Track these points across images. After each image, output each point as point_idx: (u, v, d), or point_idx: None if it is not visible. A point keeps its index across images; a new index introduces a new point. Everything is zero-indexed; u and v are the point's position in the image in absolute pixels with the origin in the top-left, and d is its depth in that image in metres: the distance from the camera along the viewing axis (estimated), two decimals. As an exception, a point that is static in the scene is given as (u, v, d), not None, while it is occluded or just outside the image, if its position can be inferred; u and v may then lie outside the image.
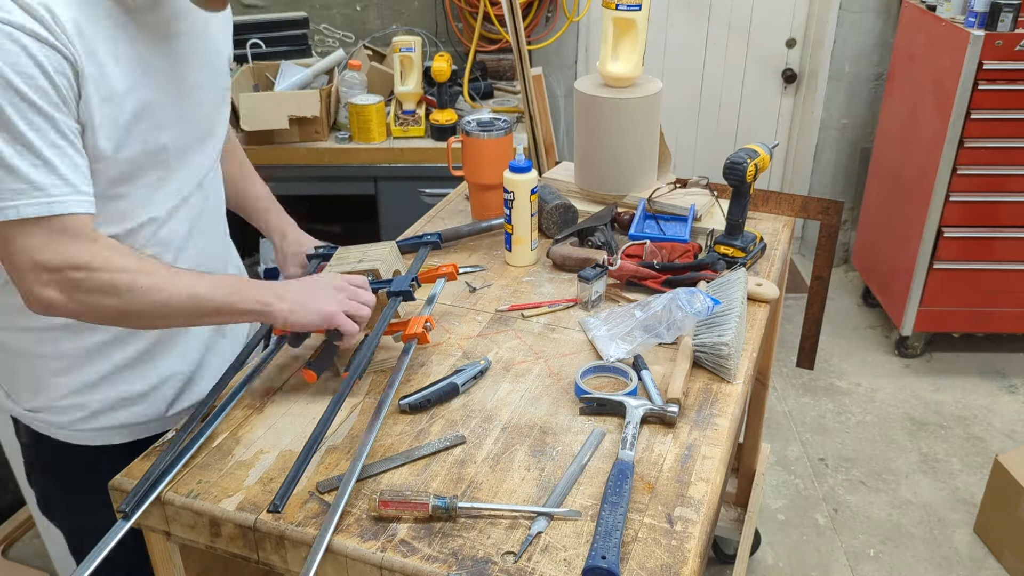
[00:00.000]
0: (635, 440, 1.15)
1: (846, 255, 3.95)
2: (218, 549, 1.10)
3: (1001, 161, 2.89)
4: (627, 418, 1.19)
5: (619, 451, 1.14)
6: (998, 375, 3.20)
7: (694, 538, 1.02)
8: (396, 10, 3.48)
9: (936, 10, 3.04)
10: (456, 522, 1.04)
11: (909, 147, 3.18)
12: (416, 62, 2.86)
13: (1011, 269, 3.04)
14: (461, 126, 1.74)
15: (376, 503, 1.03)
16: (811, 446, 2.86)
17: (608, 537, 0.98)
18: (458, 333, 1.45)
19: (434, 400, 1.25)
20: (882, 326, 3.53)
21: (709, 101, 3.85)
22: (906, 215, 3.17)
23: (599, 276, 1.51)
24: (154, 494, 1.09)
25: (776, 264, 1.67)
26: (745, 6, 3.63)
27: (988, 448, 2.81)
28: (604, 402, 1.23)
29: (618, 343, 1.36)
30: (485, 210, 1.79)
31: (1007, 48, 2.72)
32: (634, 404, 1.21)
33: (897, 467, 2.75)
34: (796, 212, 1.86)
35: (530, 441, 1.19)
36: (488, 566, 0.98)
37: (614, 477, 1.08)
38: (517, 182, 1.58)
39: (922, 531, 2.50)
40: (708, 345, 1.32)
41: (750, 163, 1.55)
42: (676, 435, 1.20)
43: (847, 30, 3.54)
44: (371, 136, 2.86)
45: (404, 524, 1.04)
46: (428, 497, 1.03)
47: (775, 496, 2.64)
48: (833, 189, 3.87)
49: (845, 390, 3.14)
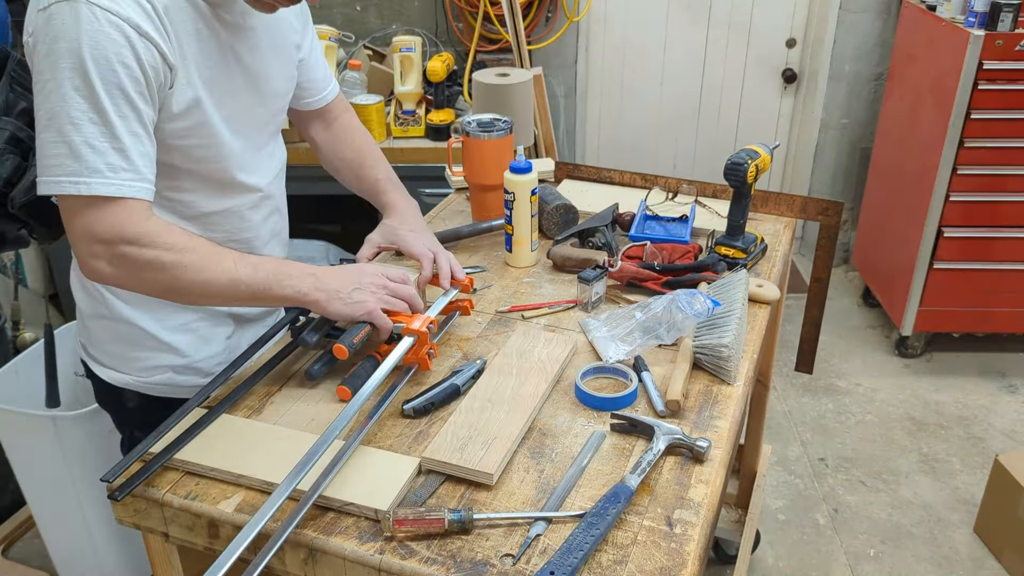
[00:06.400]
0: (649, 467, 1.10)
1: (846, 255, 3.95)
2: (216, 551, 1.09)
3: (1001, 161, 2.89)
4: (651, 444, 1.15)
5: (625, 474, 1.09)
6: (998, 375, 3.20)
7: (693, 540, 1.02)
8: (396, 10, 3.48)
9: (936, 10, 3.03)
10: (456, 524, 1.04)
11: (909, 147, 3.18)
12: (416, 62, 2.86)
13: (1011, 269, 3.04)
14: (461, 126, 1.74)
15: (390, 523, 1.01)
16: (811, 446, 2.86)
17: (567, 554, 0.96)
18: (458, 334, 1.45)
19: (437, 403, 1.25)
20: (882, 326, 3.52)
21: (709, 101, 3.85)
22: (906, 215, 3.17)
23: (599, 277, 1.50)
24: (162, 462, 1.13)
25: (777, 265, 1.67)
26: (745, 6, 3.63)
27: (988, 448, 2.81)
28: (635, 423, 1.19)
29: (618, 344, 1.36)
30: (485, 211, 1.79)
31: (1007, 48, 2.72)
32: (662, 432, 1.16)
33: (897, 467, 2.75)
34: (796, 213, 1.86)
35: (529, 443, 1.18)
36: (487, 568, 0.98)
37: (606, 498, 1.05)
38: (517, 183, 1.57)
39: (922, 531, 2.50)
40: (708, 347, 1.32)
41: (751, 164, 1.55)
42: (676, 437, 1.19)
43: (847, 30, 3.54)
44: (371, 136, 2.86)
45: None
46: (443, 512, 1.02)
47: (775, 496, 2.64)
48: (833, 189, 3.87)
49: (845, 390, 3.14)
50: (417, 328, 1.29)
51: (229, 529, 1.07)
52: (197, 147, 1.24)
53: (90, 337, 1.43)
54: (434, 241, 1.51)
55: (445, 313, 1.45)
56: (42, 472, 2.04)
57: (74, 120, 1.07)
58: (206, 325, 1.43)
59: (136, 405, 1.44)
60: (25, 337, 2.58)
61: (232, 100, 1.27)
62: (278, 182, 1.46)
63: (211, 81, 1.22)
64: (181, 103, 1.18)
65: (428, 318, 1.31)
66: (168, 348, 1.40)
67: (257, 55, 1.31)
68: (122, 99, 1.09)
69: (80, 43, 1.05)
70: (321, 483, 1.05)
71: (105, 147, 1.09)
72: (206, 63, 1.21)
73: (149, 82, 1.11)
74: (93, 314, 1.39)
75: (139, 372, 1.41)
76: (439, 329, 1.43)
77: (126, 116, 1.10)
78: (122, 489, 1.09)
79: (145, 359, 1.40)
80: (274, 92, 1.38)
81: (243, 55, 1.28)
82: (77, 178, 1.08)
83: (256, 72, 1.31)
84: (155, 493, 1.10)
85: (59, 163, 1.08)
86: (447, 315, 1.46)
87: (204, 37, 1.20)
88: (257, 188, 1.38)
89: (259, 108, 1.35)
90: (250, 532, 0.99)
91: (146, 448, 1.14)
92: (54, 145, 1.08)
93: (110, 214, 1.11)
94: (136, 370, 1.41)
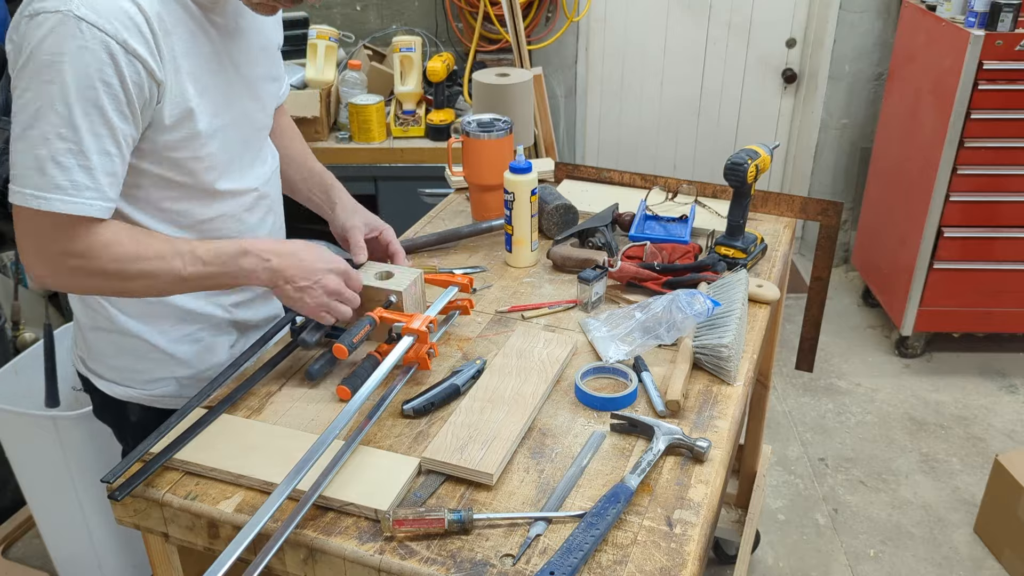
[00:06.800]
0: (649, 467, 1.11)
1: (846, 255, 3.95)
2: (216, 551, 1.09)
3: (1001, 161, 2.89)
4: (651, 444, 1.15)
5: (625, 474, 1.09)
6: (998, 375, 3.20)
7: (693, 541, 1.02)
8: (396, 10, 3.48)
9: (936, 10, 3.03)
10: (456, 524, 1.04)
11: (909, 147, 3.18)
12: (416, 62, 2.86)
13: (1011, 269, 3.04)
14: (461, 126, 1.74)
15: (390, 523, 1.01)
16: (811, 446, 2.85)
17: (567, 554, 0.97)
18: (458, 334, 1.45)
19: (437, 403, 1.25)
20: (882, 326, 3.52)
21: (709, 101, 3.85)
22: (906, 215, 3.17)
23: (599, 277, 1.50)
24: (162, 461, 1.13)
25: (777, 265, 1.66)
26: (745, 6, 3.63)
27: (988, 448, 2.81)
28: (635, 423, 1.19)
29: (618, 344, 1.36)
30: (485, 211, 1.79)
31: (1007, 48, 2.72)
32: (662, 432, 1.16)
33: (897, 467, 2.75)
34: (796, 213, 1.86)
35: (529, 443, 1.18)
36: (487, 569, 0.98)
37: (606, 498, 1.05)
38: (517, 183, 1.57)
39: (922, 531, 2.50)
40: (708, 347, 1.32)
41: (751, 164, 1.55)
42: (676, 437, 1.19)
43: (847, 30, 3.54)
44: (371, 136, 2.86)
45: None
46: (443, 512, 1.02)
47: (775, 496, 2.64)
48: (833, 189, 3.87)
49: (845, 390, 3.14)
50: (417, 328, 1.29)
51: (229, 529, 1.07)
52: (192, 159, 1.23)
53: (90, 351, 1.41)
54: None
55: (445, 313, 1.45)
56: (42, 472, 2.03)
57: (45, 135, 1.07)
58: (209, 335, 1.41)
59: (139, 419, 1.43)
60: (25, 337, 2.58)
61: (230, 107, 1.27)
62: (274, 181, 1.46)
63: (207, 90, 1.21)
64: (173, 115, 1.17)
65: (428, 318, 1.31)
66: (172, 359, 1.39)
67: (251, 58, 1.30)
68: (98, 117, 1.08)
69: (63, 57, 1.05)
70: (321, 483, 1.05)
71: (71, 164, 1.08)
72: (202, 71, 1.20)
73: (131, 100, 1.10)
74: (93, 327, 1.38)
75: (143, 385, 1.40)
76: (439, 329, 1.43)
77: (100, 135, 1.09)
78: (122, 489, 1.09)
79: (149, 371, 1.39)
80: (268, 93, 1.38)
81: (238, 60, 1.27)
82: (38, 192, 1.08)
83: (250, 76, 1.31)
84: (155, 493, 1.10)
85: (25, 174, 1.09)
86: (447, 315, 1.46)
87: (200, 43, 1.19)
88: (252, 189, 1.37)
89: (258, 113, 1.35)
90: (250, 532, 0.99)
91: (146, 448, 1.14)
92: (23, 155, 1.08)
93: (63, 230, 1.12)
94: (140, 383, 1.40)
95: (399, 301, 1.36)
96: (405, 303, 1.36)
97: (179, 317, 1.36)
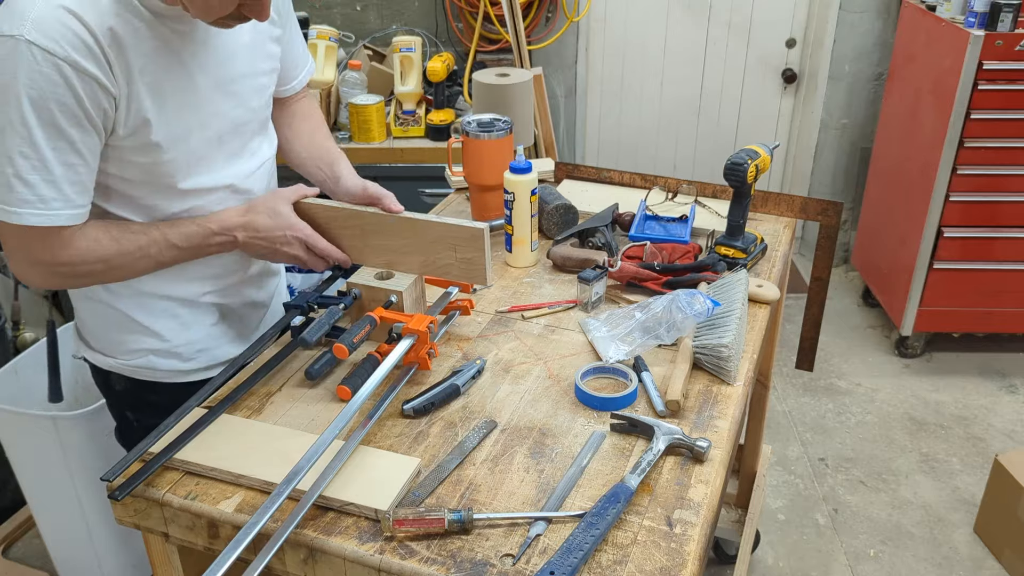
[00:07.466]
0: (649, 467, 1.11)
1: (846, 255, 3.95)
2: (216, 551, 1.09)
3: (1001, 161, 2.89)
4: (651, 444, 1.15)
5: (625, 474, 1.09)
6: (998, 375, 3.20)
7: (693, 541, 1.02)
8: (396, 10, 3.48)
9: (936, 10, 3.03)
10: (456, 524, 1.04)
11: (909, 147, 3.18)
12: (416, 62, 2.86)
13: (1011, 269, 3.04)
14: (461, 126, 1.74)
15: (390, 523, 1.01)
16: (811, 446, 2.86)
17: (567, 554, 0.97)
18: (458, 334, 1.45)
19: (437, 403, 1.25)
20: (882, 326, 3.52)
21: (709, 101, 3.85)
22: (906, 215, 3.17)
23: (599, 277, 1.50)
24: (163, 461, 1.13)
25: (777, 265, 1.67)
26: (745, 6, 3.63)
27: (988, 448, 2.81)
28: (635, 423, 1.19)
29: (618, 344, 1.36)
30: (485, 211, 1.79)
31: (1007, 48, 2.72)
32: (662, 432, 1.16)
33: (897, 467, 2.75)
34: (796, 213, 1.86)
35: (529, 443, 1.18)
36: (487, 569, 0.98)
37: (606, 498, 1.05)
38: (517, 183, 1.58)
39: (922, 531, 2.50)
40: (708, 347, 1.32)
41: (751, 164, 1.55)
42: (676, 437, 1.19)
43: (847, 30, 3.54)
44: (371, 136, 2.86)
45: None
46: (443, 512, 1.02)
47: (775, 496, 2.64)
48: (833, 189, 3.87)
49: (845, 390, 3.14)
50: (417, 328, 1.29)
51: (229, 529, 1.07)
52: (151, 164, 1.26)
53: (82, 322, 1.47)
54: None
55: (445, 313, 1.45)
56: (42, 472, 2.04)
57: (9, 153, 1.12)
58: (189, 312, 1.44)
59: (123, 388, 1.49)
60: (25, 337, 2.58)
61: (197, 110, 1.27)
62: (259, 175, 1.45)
63: (168, 98, 1.22)
64: (128, 126, 1.20)
65: (428, 318, 1.31)
66: (149, 332, 1.42)
67: (226, 58, 1.29)
68: (55, 133, 1.13)
69: (17, 80, 1.08)
70: (321, 483, 1.05)
71: (36, 180, 1.14)
72: (162, 80, 1.21)
73: (88, 113, 1.15)
74: (81, 295, 1.43)
75: (123, 355, 1.44)
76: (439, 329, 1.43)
77: (60, 148, 1.14)
78: (122, 489, 1.09)
79: (128, 342, 1.43)
80: (254, 89, 1.37)
81: (207, 63, 1.27)
82: (9, 207, 1.15)
83: (224, 76, 1.30)
84: (155, 493, 1.10)
85: None
86: (447, 315, 1.46)
87: (160, 53, 1.20)
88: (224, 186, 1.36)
89: (235, 110, 1.34)
90: (250, 532, 0.99)
91: (146, 448, 1.14)
92: None
93: (41, 240, 1.19)
94: (120, 353, 1.44)
95: (399, 301, 1.36)
96: (405, 303, 1.36)
97: (160, 293, 1.41)
